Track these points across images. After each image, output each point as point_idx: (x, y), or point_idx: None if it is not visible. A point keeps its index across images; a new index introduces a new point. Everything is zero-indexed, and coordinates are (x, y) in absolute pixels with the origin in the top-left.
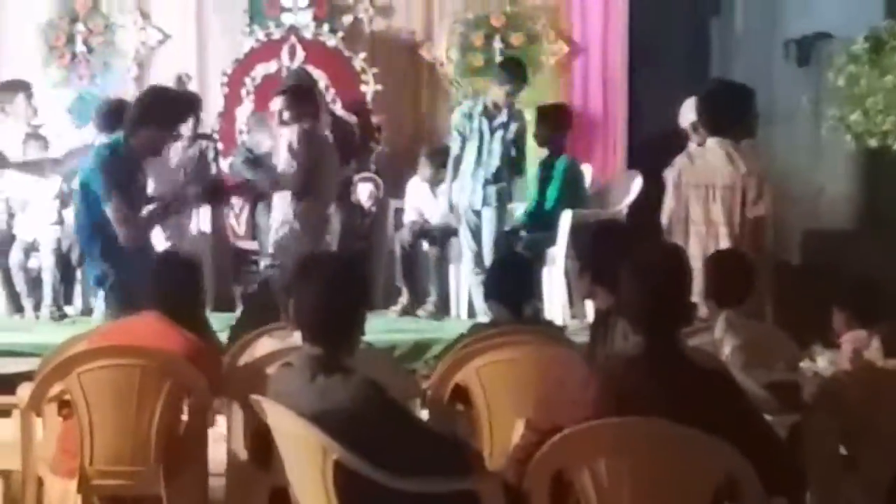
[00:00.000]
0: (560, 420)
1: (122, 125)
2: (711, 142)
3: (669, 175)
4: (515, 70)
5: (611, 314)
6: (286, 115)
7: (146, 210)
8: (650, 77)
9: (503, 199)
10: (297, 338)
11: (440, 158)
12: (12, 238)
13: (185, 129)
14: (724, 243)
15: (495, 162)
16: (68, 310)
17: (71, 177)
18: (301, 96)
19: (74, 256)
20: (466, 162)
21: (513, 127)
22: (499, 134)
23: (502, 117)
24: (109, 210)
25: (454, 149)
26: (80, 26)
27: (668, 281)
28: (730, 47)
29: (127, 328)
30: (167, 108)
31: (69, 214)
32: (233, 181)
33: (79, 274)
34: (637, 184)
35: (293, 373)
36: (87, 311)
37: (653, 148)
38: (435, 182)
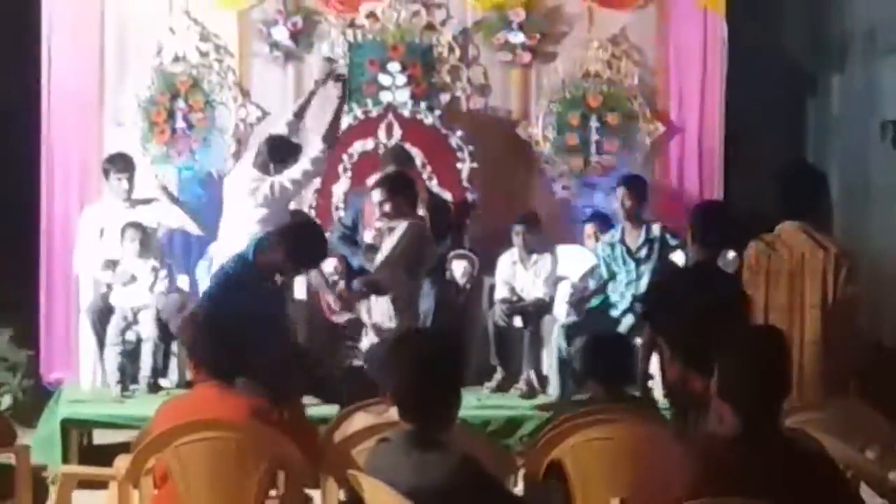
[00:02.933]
0: (656, 500)
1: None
2: (790, 225)
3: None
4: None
5: (704, 395)
6: (388, 207)
7: None
8: (746, 157)
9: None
10: (393, 413)
11: (532, 227)
12: (108, 309)
13: None
14: (815, 326)
15: (646, 280)
16: (163, 382)
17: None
18: (401, 186)
19: (172, 328)
20: (618, 283)
21: (655, 255)
22: (645, 266)
23: (644, 251)
24: None
25: (602, 273)
26: (180, 102)
27: (767, 363)
28: (826, 128)
29: (186, 402)
30: (309, 248)
31: (163, 286)
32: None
33: (175, 346)
34: (732, 264)
35: (390, 448)
36: (182, 383)
37: (748, 228)
38: (526, 251)
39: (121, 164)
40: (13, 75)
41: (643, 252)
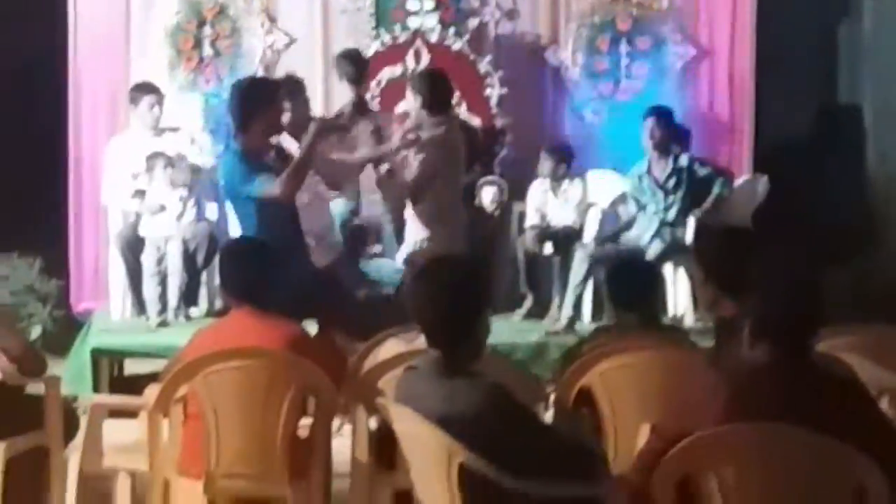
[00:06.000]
0: (686, 426)
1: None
2: None
3: None
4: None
5: (736, 321)
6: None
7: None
8: (776, 81)
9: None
10: (422, 340)
11: (560, 154)
12: (137, 239)
13: None
14: None
15: (676, 209)
16: (193, 311)
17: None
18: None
19: (200, 258)
20: (647, 213)
21: (684, 185)
22: (675, 196)
23: (672, 181)
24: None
25: (630, 209)
26: (207, 30)
27: (799, 289)
28: (858, 51)
29: (221, 329)
30: (259, 90)
31: (191, 215)
32: None
33: (204, 276)
34: (763, 188)
35: (418, 376)
36: (211, 312)
37: (779, 152)
38: (556, 180)
39: (149, 90)
40: (39, 8)
41: (671, 182)
